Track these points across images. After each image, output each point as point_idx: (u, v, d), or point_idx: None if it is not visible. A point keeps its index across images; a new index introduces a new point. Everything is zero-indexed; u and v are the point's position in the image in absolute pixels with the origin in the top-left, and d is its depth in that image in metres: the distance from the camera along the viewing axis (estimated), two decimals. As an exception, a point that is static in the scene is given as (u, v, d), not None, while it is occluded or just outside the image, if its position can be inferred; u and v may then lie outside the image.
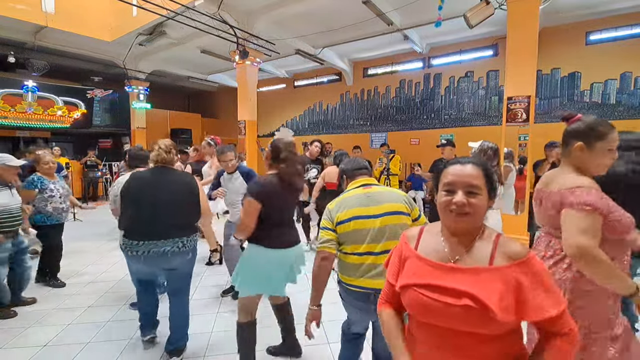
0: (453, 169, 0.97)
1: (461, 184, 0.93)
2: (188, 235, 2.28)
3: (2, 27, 7.09)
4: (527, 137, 4.12)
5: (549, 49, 6.62)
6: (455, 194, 0.93)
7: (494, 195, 0.97)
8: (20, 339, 2.58)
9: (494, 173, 0.99)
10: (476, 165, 0.96)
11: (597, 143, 1.37)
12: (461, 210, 0.91)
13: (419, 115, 8.86)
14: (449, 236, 0.98)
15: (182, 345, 2.38)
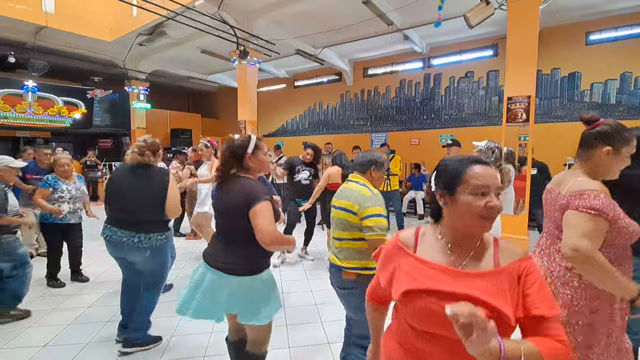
0: (483, 171, 0.89)
1: (494, 187, 0.87)
2: (147, 231, 2.29)
3: (3, 28, 7.10)
4: (527, 138, 4.12)
5: (549, 49, 6.62)
6: (487, 197, 0.87)
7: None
8: (20, 339, 2.58)
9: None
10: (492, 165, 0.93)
11: (622, 148, 1.35)
12: (494, 214, 0.86)
13: (419, 115, 8.86)
14: (454, 240, 0.93)
15: (133, 338, 2.40)
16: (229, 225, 1.69)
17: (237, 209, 1.60)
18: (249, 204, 1.57)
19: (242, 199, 1.60)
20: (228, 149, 1.72)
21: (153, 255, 2.35)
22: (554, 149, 6.45)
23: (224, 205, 1.70)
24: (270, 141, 10.89)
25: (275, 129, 11.91)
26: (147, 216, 2.31)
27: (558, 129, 6.74)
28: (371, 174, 1.98)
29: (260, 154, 1.75)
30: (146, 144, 2.37)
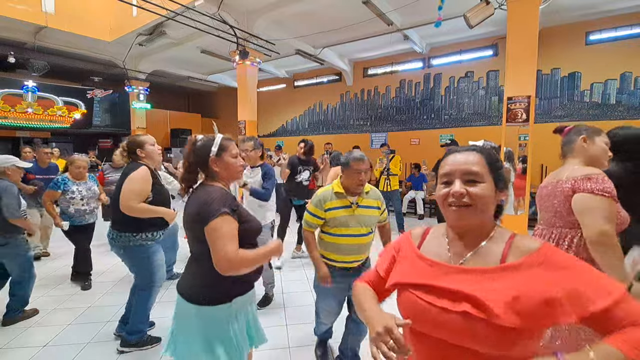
0: (450, 158, 0.87)
1: (459, 172, 0.82)
2: (118, 229, 2.29)
3: (2, 27, 7.09)
4: (527, 137, 4.12)
5: (549, 49, 6.62)
6: (451, 185, 0.83)
7: (502, 185, 0.84)
8: (21, 339, 2.58)
9: (498, 159, 0.88)
10: (476, 151, 0.86)
11: (595, 137, 1.54)
12: (459, 201, 0.80)
13: (419, 115, 8.86)
14: (455, 237, 0.87)
15: (126, 338, 2.43)
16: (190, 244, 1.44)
17: (193, 226, 1.34)
18: (203, 219, 1.28)
19: (196, 212, 1.32)
20: (191, 152, 1.45)
21: (127, 254, 2.34)
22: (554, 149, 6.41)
23: (184, 220, 1.42)
24: (271, 141, 10.89)
25: (275, 129, 11.91)
26: (116, 213, 2.28)
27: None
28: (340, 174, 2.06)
29: (226, 157, 1.45)
30: (124, 145, 2.41)
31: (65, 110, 9.93)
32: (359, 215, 1.98)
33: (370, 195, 2.06)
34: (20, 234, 2.83)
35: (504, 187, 0.85)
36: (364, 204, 2.01)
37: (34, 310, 2.97)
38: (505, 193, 0.86)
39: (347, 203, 1.98)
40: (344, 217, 1.96)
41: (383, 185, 5.66)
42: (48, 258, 4.56)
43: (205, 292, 1.35)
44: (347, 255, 2.00)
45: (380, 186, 5.67)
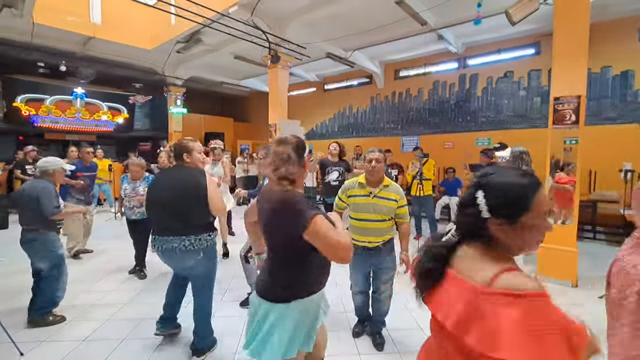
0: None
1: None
2: (196, 233, 2.26)
3: (55, 39, 7.65)
4: (575, 141, 3.80)
5: (598, 46, 6.10)
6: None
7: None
8: (62, 333, 2.71)
9: None
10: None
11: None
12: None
13: (453, 117, 8.53)
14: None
15: (202, 347, 2.41)
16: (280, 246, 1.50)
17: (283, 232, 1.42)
18: (300, 225, 1.34)
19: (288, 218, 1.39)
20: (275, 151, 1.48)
21: (206, 256, 2.33)
22: (603, 154, 5.96)
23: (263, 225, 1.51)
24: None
25: (305, 132, 11.94)
26: (190, 217, 2.27)
27: (609, 132, 6.21)
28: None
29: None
30: (171, 147, 2.45)
31: (110, 115, 10.56)
32: (375, 203, 2.35)
33: (389, 189, 2.38)
34: (52, 231, 2.92)
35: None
36: (381, 194, 2.36)
37: (61, 317, 2.91)
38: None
39: (367, 192, 2.38)
40: (362, 203, 2.37)
41: (415, 190, 5.48)
42: (89, 255, 4.80)
43: (299, 288, 1.44)
44: (367, 236, 2.38)
45: (412, 191, 5.49)
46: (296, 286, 1.45)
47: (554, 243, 3.85)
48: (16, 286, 3.62)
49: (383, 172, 2.39)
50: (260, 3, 5.80)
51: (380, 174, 2.36)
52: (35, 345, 2.50)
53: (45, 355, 2.40)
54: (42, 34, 7.08)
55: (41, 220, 2.79)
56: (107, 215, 7.55)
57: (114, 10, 7.74)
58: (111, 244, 5.29)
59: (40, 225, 2.82)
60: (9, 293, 3.46)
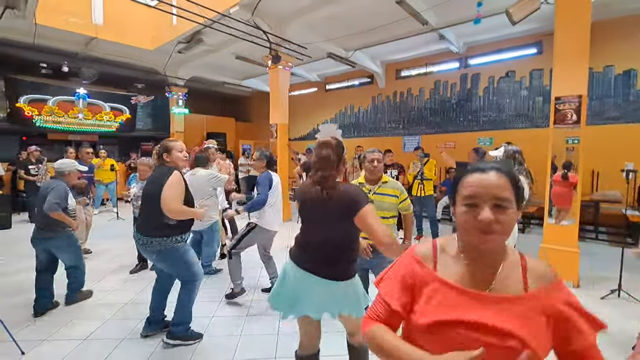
0: (476, 179, 0.81)
1: (488, 197, 0.78)
2: (150, 235, 2.32)
3: (58, 39, 7.70)
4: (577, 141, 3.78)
5: (600, 45, 6.09)
6: (478, 208, 0.78)
7: (521, 205, 0.84)
8: (64, 332, 2.73)
9: (519, 179, 0.85)
10: (501, 172, 0.81)
11: None
12: (488, 228, 0.76)
13: (454, 117, 8.51)
14: (474, 258, 0.84)
15: (174, 332, 2.49)
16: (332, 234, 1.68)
17: (341, 217, 1.61)
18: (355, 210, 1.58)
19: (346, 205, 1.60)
20: (319, 154, 1.70)
21: (159, 258, 2.39)
22: (606, 154, 5.94)
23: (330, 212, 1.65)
24: (302, 144, 10.94)
25: (306, 132, 11.97)
26: (148, 217, 2.34)
27: (611, 132, 6.18)
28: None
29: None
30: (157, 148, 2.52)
31: (112, 115, 10.60)
32: (376, 200, 2.35)
33: (388, 185, 2.46)
34: (66, 227, 3.08)
35: (522, 206, 0.85)
36: (380, 191, 2.44)
37: (89, 291, 3.38)
38: (521, 212, 0.85)
39: (366, 190, 2.43)
40: None
41: (416, 190, 5.47)
42: (91, 255, 4.79)
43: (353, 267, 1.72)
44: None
45: (413, 191, 5.48)
46: (353, 264, 1.73)
47: (555, 243, 3.84)
48: (17, 285, 3.65)
49: (382, 171, 2.50)
50: (260, 3, 5.81)
51: (379, 173, 2.48)
52: (36, 344, 2.52)
53: (46, 354, 2.41)
54: (44, 35, 7.12)
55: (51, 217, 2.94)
56: (110, 215, 7.58)
57: (115, 11, 7.78)
58: (113, 243, 5.31)
59: (55, 224, 2.99)
60: (9, 292, 3.48)
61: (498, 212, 0.77)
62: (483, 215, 0.76)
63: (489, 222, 0.75)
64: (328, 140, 1.73)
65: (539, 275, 0.81)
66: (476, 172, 0.82)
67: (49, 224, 2.97)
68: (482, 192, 0.78)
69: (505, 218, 0.77)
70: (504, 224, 0.77)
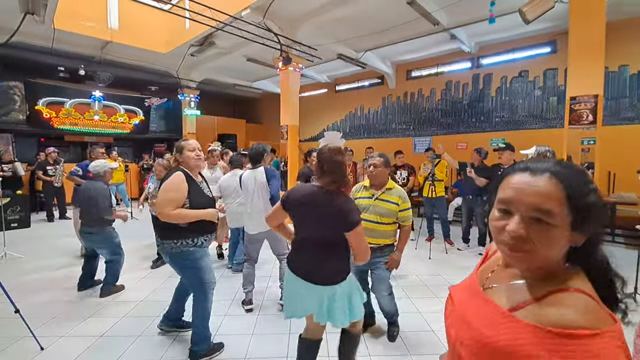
0: (516, 180, 0.65)
1: (524, 205, 0.62)
2: (161, 237, 2.31)
3: (75, 43, 7.91)
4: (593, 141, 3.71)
5: (615, 45, 5.95)
6: (510, 216, 0.64)
7: (586, 228, 0.61)
8: (79, 329, 2.80)
9: (586, 193, 0.61)
10: (555, 176, 0.61)
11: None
12: (515, 243, 0.62)
13: (466, 118, 8.42)
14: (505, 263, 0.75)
15: (195, 350, 2.36)
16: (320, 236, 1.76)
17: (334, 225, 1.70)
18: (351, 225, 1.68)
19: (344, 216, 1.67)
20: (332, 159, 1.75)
21: (171, 261, 2.34)
22: (622, 155, 5.80)
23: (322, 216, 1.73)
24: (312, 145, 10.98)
25: (316, 133, 12.00)
26: (157, 220, 2.29)
27: (627, 132, 6.03)
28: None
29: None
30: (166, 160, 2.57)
31: (126, 117, 10.83)
32: (376, 205, 2.44)
33: (392, 192, 2.46)
34: (108, 225, 3.44)
35: (586, 230, 0.61)
36: (383, 197, 2.45)
37: (121, 285, 3.59)
38: (586, 235, 0.62)
39: (370, 194, 2.50)
40: (365, 204, 2.48)
41: (428, 191, 5.43)
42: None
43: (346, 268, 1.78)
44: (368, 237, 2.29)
45: (424, 192, 5.44)
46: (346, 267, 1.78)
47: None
48: (36, 282, 3.76)
49: (384, 176, 2.48)
50: (272, 6, 5.87)
51: (381, 178, 2.47)
52: (54, 340, 2.59)
53: (64, 350, 2.48)
54: (62, 39, 7.33)
55: (98, 217, 3.33)
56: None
57: (130, 16, 7.95)
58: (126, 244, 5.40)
59: (97, 223, 3.35)
60: (30, 289, 3.58)
61: (534, 228, 0.60)
62: (510, 226, 0.62)
63: (516, 236, 0.61)
64: (340, 147, 1.80)
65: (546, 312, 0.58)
66: (523, 171, 0.65)
67: (91, 220, 3.35)
68: (519, 198, 0.63)
69: (541, 237, 0.60)
70: (537, 244, 0.60)
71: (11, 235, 5.60)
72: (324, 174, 1.74)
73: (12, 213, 6.38)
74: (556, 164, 0.64)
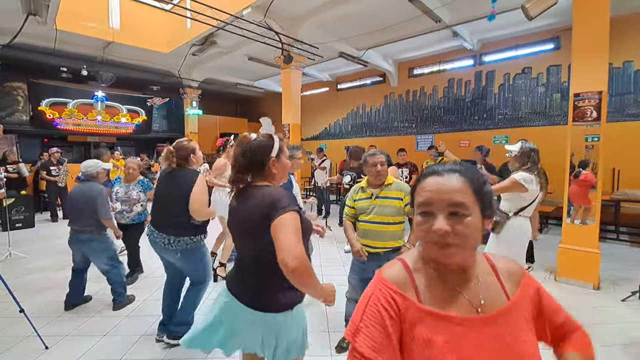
0: (429, 183, 0.72)
1: (441, 203, 0.68)
2: (176, 234, 2.33)
3: (77, 44, 7.94)
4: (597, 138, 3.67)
5: (619, 40, 5.89)
6: (434, 217, 0.69)
7: (490, 212, 0.72)
8: (84, 328, 2.82)
9: (484, 182, 0.73)
10: (458, 173, 0.71)
11: None
12: (444, 240, 0.67)
13: (469, 115, 8.38)
14: (446, 271, 0.73)
15: (174, 329, 2.47)
16: (251, 249, 1.39)
17: (253, 227, 1.32)
18: (270, 216, 1.25)
19: (262, 210, 1.28)
20: (247, 152, 1.40)
21: (184, 256, 2.39)
22: (626, 151, 5.75)
23: (236, 223, 1.43)
24: (314, 144, 10.98)
25: (318, 132, 11.99)
26: (174, 218, 2.34)
27: (632, 129, 5.98)
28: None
29: (283, 158, 1.46)
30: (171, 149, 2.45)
31: (129, 117, 10.87)
32: (378, 204, 2.32)
33: (391, 187, 2.35)
34: (105, 231, 3.14)
35: (491, 214, 0.73)
36: (383, 194, 2.33)
37: (133, 296, 3.35)
38: (491, 220, 0.74)
39: (368, 194, 2.38)
40: (365, 205, 2.36)
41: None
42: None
43: (267, 297, 1.34)
44: (373, 240, 2.33)
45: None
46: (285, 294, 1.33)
47: (575, 244, 3.74)
48: (41, 282, 3.79)
49: (386, 174, 2.38)
50: (272, 4, 5.86)
51: (385, 177, 2.36)
52: (59, 339, 2.61)
53: (68, 349, 2.50)
54: (64, 40, 7.35)
55: (97, 222, 3.03)
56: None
57: (132, 16, 7.96)
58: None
59: (96, 227, 3.04)
60: (34, 288, 3.61)
61: (455, 221, 0.67)
62: (436, 225, 0.67)
63: (443, 233, 0.66)
64: (246, 136, 1.45)
65: (509, 273, 0.78)
66: (432, 175, 0.73)
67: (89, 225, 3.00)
68: (436, 198, 0.69)
69: (461, 229, 0.66)
70: (461, 236, 0.67)
71: (15, 235, 5.64)
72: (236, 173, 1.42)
73: (16, 213, 6.43)
74: (455, 164, 0.75)
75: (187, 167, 2.47)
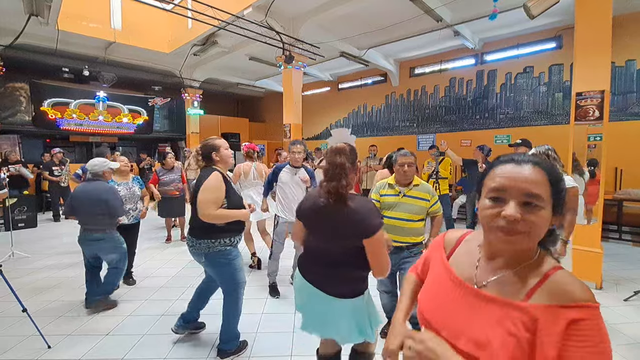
0: (507, 169, 0.72)
1: (517, 191, 0.68)
2: (197, 236, 2.25)
3: (79, 44, 7.96)
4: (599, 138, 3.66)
5: (622, 39, 5.87)
6: (505, 204, 0.69)
7: (560, 210, 0.71)
8: (86, 327, 2.82)
9: (562, 179, 0.73)
10: (538, 166, 0.71)
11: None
12: (512, 227, 0.67)
13: (470, 115, 8.36)
14: (491, 254, 0.77)
15: (224, 348, 2.39)
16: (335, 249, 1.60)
17: (350, 234, 1.51)
18: (369, 231, 1.49)
19: (360, 223, 1.50)
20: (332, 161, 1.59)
21: (208, 261, 2.30)
22: (629, 151, 5.73)
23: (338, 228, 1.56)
24: (315, 144, 10.98)
25: (319, 131, 11.99)
26: (194, 220, 2.26)
27: (634, 128, 5.95)
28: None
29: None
30: (198, 150, 2.39)
31: (130, 117, 10.90)
32: (404, 202, 2.43)
33: (419, 188, 2.46)
34: (114, 229, 3.14)
35: (561, 212, 0.72)
36: (410, 194, 2.43)
37: (113, 302, 3.18)
38: (560, 218, 0.72)
39: (396, 192, 2.47)
40: (392, 202, 2.46)
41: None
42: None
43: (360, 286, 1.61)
44: (396, 235, 2.41)
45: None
46: (361, 284, 1.62)
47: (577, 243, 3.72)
48: (44, 281, 3.80)
49: (414, 174, 2.46)
50: (273, 4, 5.86)
51: (412, 177, 2.45)
52: (61, 338, 2.62)
53: (71, 348, 2.50)
54: (66, 41, 7.37)
55: (109, 220, 3.04)
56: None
57: (133, 16, 7.99)
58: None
59: (107, 226, 3.05)
60: (37, 288, 3.62)
61: (527, 210, 0.67)
62: (507, 211, 0.67)
63: (514, 219, 0.67)
64: (342, 146, 1.63)
65: (557, 292, 0.66)
66: (509, 162, 0.73)
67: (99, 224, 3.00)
68: (511, 185, 0.69)
69: (534, 219, 0.67)
70: (531, 225, 0.67)
71: (18, 235, 5.66)
72: (328, 179, 1.56)
73: (19, 213, 6.45)
74: (533, 155, 0.75)
75: (211, 167, 2.32)
